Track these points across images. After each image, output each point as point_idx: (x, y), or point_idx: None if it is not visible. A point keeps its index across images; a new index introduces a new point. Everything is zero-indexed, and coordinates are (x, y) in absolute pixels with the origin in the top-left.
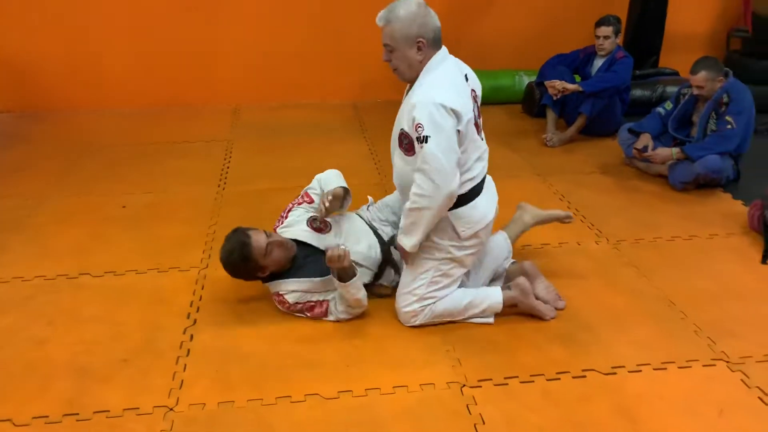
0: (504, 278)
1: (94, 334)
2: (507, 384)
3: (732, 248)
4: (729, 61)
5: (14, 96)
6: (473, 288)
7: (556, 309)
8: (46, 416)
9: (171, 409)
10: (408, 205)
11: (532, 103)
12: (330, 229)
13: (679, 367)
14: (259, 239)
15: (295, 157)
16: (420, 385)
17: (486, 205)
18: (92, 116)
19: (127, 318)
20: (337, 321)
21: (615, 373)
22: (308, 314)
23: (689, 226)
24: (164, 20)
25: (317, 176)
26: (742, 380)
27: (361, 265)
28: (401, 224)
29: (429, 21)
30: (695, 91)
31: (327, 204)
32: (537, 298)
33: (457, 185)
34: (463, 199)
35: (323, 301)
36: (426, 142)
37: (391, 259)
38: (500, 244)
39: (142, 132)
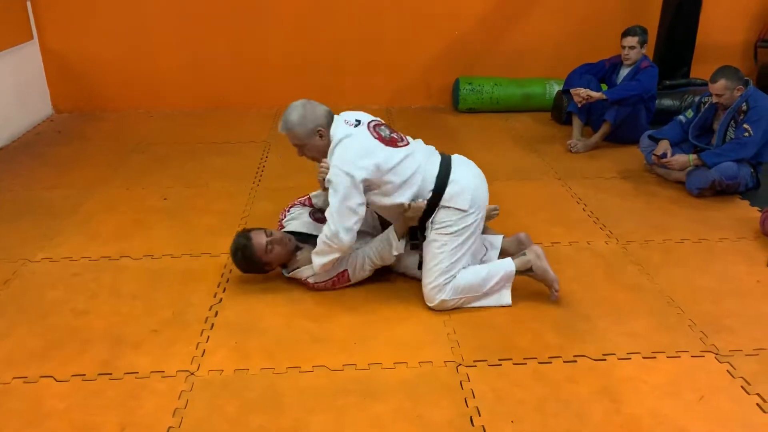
0: (500, 252)
1: (129, 308)
2: (500, 365)
3: (739, 251)
4: (762, 74)
5: (74, 98)
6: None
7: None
8: (83, 374)
9: (192, 374)
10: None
11: (561, 110)
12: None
13: (668, 357)
14: (259, 239)
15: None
16: (419, 362)
17: (463, 175)
18: (143, 117)
19: (160, 295)
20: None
21: (605, 360)
22: (334, 288)
23: (700, 230)
24: (212, 30)
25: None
26: (728, 371)
27: (367, 232)
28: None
29: (317, 112)
30: (715, 100)
31: None
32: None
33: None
34: (441, 186)
35: (343, 271)
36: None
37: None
38: None
39: (188, 132)
